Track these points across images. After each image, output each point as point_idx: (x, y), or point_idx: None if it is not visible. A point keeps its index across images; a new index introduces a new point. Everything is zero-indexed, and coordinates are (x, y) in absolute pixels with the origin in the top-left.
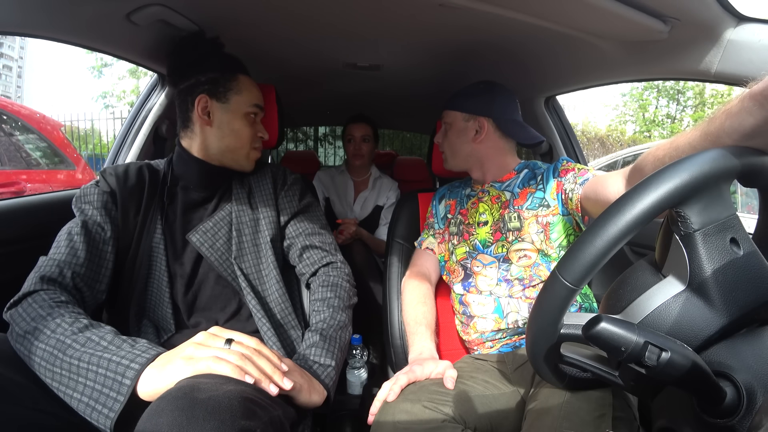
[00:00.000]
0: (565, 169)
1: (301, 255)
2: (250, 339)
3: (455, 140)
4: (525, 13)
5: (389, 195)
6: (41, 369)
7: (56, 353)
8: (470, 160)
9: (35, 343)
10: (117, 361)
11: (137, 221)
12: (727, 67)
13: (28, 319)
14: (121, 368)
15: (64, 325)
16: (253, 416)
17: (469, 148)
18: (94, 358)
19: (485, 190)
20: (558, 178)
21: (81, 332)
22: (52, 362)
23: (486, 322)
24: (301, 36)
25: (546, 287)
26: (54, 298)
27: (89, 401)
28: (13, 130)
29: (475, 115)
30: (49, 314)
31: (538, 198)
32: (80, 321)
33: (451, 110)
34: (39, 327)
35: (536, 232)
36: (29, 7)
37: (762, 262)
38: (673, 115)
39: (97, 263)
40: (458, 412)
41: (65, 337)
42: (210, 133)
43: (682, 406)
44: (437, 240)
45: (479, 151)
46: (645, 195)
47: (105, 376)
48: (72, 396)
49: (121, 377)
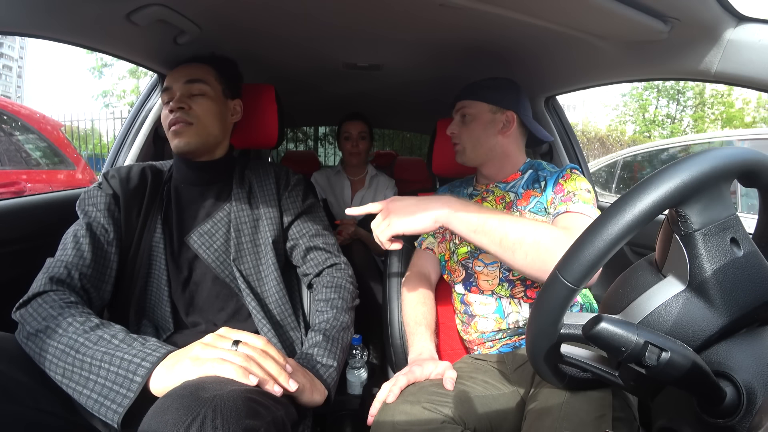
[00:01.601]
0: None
1: (305, 256)
2: (257, 339)
3: (480, 132)
4: (525, 13)
5: (386, 193)
6: (52, 366)
7: (68, 351)
8: (491, 153)
9: (47, 341)
10: (129, 360)
11: (139, 221)
12: (727, 67)
13: (39, 319)
14: (133, 366)
15: (76, 324)
16: (257, 415)
17: (493, 141)
18: (106, 356)
19: (490, 189)
20: (556, 189)
21: (93, 331)
22: (64, 359)
23: (487, 322)
24: (301, 36)
25: (546, 287)
26: (64, 299)
27: (98, 397)
28: (13, 130)
29: (503, 108)
30: (60, 314)
31: (540, 203)
32: (91, 320)
33: (475, 101)
34: (51, 326)
35: None
36: (29, 7)
37: (762, 262)
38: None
39: (102, 264)
40: (458, 413)
41: (77, 335)
42: None
43: (682, 406)
44: (437, 240)
45: (503, 145)
46: (645, 195)
47: (116, 373)
48: (81, 392)
49: (133, 374)
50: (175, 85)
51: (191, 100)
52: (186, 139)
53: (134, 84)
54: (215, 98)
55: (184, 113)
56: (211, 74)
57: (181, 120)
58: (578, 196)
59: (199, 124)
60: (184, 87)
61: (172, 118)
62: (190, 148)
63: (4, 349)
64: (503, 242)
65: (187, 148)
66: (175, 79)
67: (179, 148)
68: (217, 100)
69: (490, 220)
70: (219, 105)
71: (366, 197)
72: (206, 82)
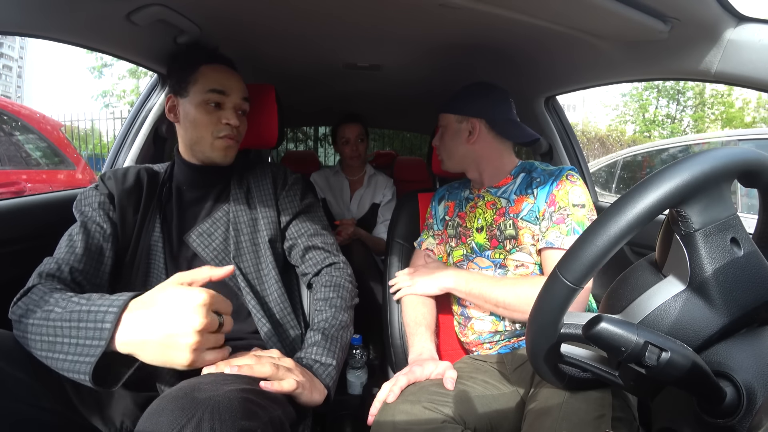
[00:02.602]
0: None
1: (304, 256)
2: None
3: (450, 142)
4: (525, 14)
5: (385, 192)
6: (35, 344)
7: (41, 322)
8: (465, 161)
9: (27, 322)
10: (95, 310)
11: (136, 220)
12: (727, 67)
13: (24, 307)
14: (100, 315)
15: (52, 300)
16: (254, 416)
17: (463, 150)
18: (74, 314)
19: (481, 195)
20: (549, 199)
21: (66, 300)
22: (39, 332)
23: (483, 323)
24: (301, 36)
25: (546, 286)
26: (50, 287)
27: (73, 357)
28: (13, 130)
29: (467, 117)
30: (42, 297)
31: (533, 210)
32: (67, 294)
33: (445, 113)
34: (30, 308)
35: (532, 243)
36: (29, 7)
37: (762, 262)
38: (673, 115)
39: (96, 259)
40: (458, 413)
41: (51, 306)
42: (180, 130)
43: (682, 406)
44: (436, 241)
45: (474, 152)
46: (646, 194)
47: (86, 328)
48: (57, 359)
49: (101, 323)
50: (234, 96)
51: (239, 118)
52: (231, 154)
53: (134, 84)
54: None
55: (237, 131)
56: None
57: (234, 137)
58: (572, 216)
59: (239, 142)
60: (241, 104)
61: (226, 132)
62: (228, 162)
63: (4, 347)
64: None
65: (226, 162)
66: (233, 88)
67: (224, 161)
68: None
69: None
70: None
71: (365, 196)
72: (249, 102)
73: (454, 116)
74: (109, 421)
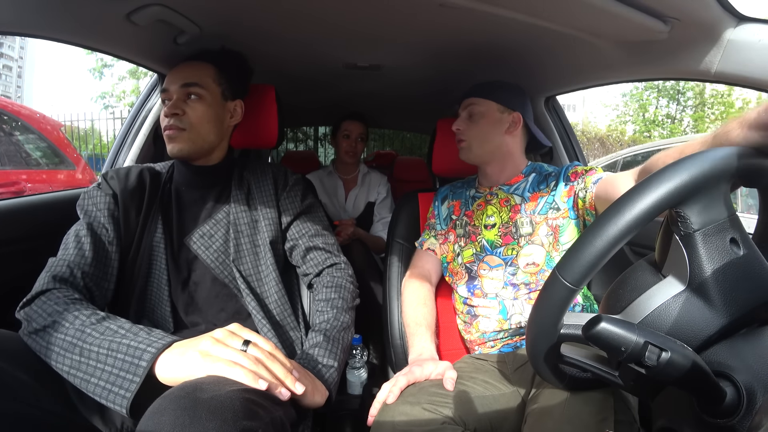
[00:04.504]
0: (574, 173)
1: (305, 256)
2: (265, 342)
3: (488, 129)
4: (525, 13)
5: (380, 190)
6: (59, 359)
7: (76, 341)
8: (496, 152)
9: (55, 335)
10: (135, 346)
11: (138, 221)
12: (727, 67)
13: (45, 315)
14: (138, 352)
15: (82, 317)
16: (255, 416)
17: (499, 140)
18: (113, 344)
19: (493, 192)
20: (569, 182)
21: (99, 323)
22: (71, 350)
23: (489, 322)
24: (301, 36)
25: (546, 287)
26: (68, 296)
27: (106, 384)
28: (13, 130)
29: (511, 109)
30: (66, 309)
31: (549, 202)
32: (97, 313)
33: (485, 99)
34: (57, 320)
35: (546, 234)
36: (29, 7)
37: (762, 262)
38: (673, 115)
39: (104, 263)
40: (458, 414)
41: (85, 327)
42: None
43: (682, 406)
44: (439, 241)
45: (507, 145)
46: (645, 195)
47: (123, 360)
48: (89, 381)
49: (138, 360)
50: (172, 88)
51: (186, 105)
52: (179, 145)
53: (134, 84)
54: (211, 103)
55: (178, 119)
56: (210, 75)
57: (174, 126)
58: (598, 170)
59: (193, 130)
60: (180, 90)
61: (166, 123)
62: (182, 154)
63: (5, 347)
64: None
65: (179, 154)
66: (173, 80)
67: (172, 154)
68: (214, 104)
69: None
70: (215, 109)
71: (360, 196)
72: (203, 86)
73: (496, 105)
74: (110, 422)
